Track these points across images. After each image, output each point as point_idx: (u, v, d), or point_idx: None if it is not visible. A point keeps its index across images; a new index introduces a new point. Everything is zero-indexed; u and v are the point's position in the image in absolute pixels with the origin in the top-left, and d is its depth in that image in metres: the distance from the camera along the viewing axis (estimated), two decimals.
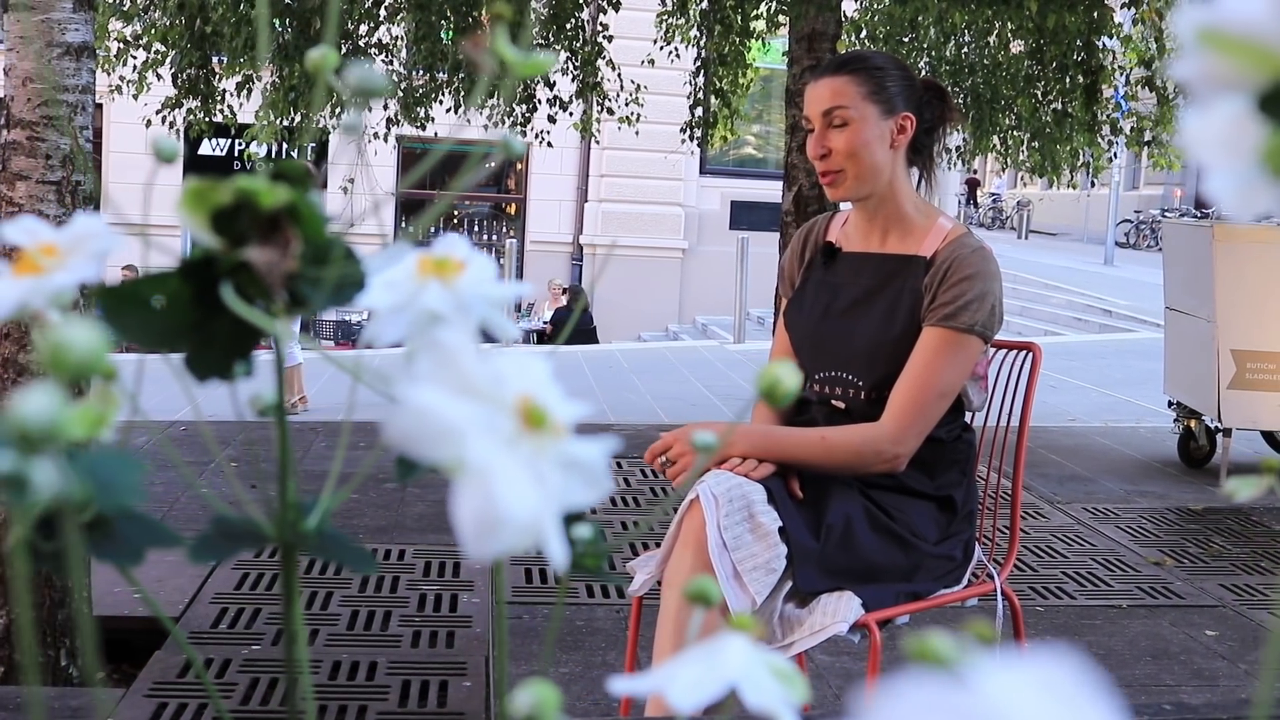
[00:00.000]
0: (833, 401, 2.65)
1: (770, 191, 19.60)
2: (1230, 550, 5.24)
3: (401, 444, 0.39)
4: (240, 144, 17.90)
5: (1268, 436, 6.97)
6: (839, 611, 2.42)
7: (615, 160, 19.51)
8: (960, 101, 8.33)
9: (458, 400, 0.39)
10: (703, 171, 20.60)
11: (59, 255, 0.57)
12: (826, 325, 2.68)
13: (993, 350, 2.78)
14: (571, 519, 0.63)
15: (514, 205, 21.52)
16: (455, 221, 21.58)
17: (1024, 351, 2.90)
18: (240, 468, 6.01)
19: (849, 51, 4.15)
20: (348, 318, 17.60)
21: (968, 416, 2.72)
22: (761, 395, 0.59)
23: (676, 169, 19.97)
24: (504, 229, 21.31)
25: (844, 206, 2.79)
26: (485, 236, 21.28)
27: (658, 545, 2.55)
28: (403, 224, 20.09)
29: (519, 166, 21.10)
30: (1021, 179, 9.04)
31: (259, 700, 3.43)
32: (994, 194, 38.94)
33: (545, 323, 17.65)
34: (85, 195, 3.57)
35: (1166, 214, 29.64)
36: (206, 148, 16.95)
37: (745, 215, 20.18)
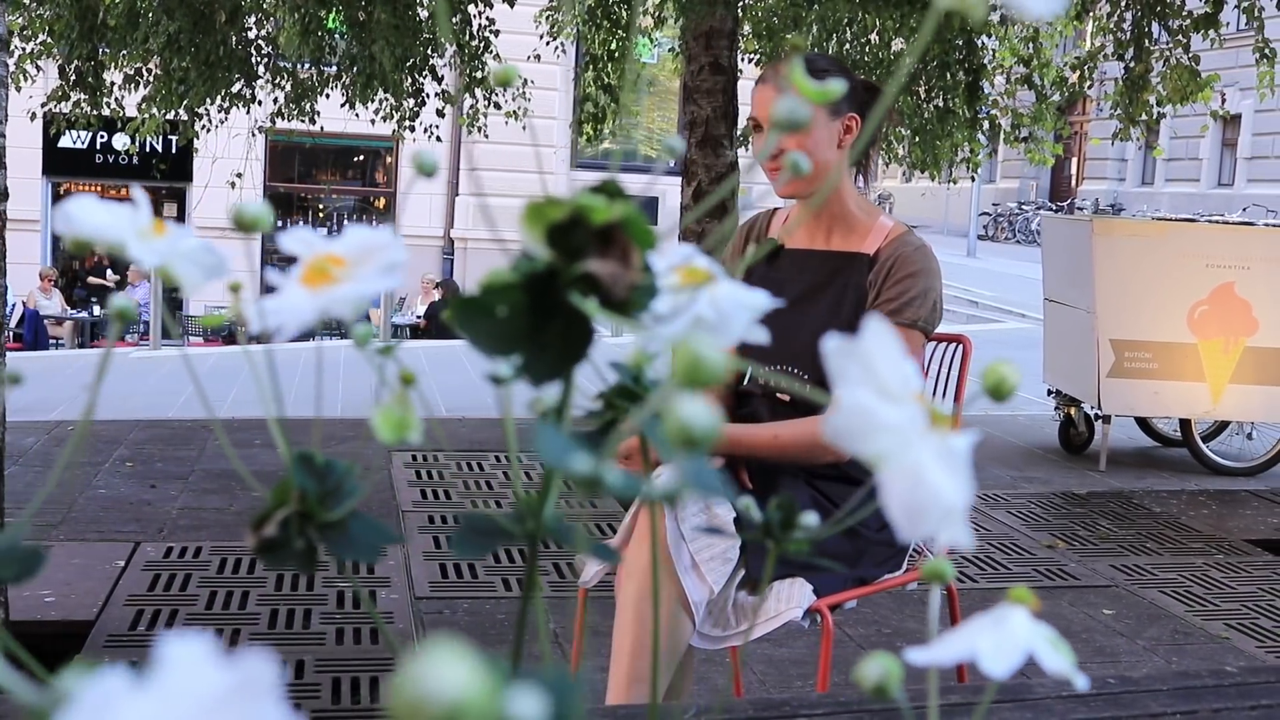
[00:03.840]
0: (777, 395, 2.72)
1: (640, 185, 19.72)
2: (1116, 532, 5.45)
3: (837, 439, 0.44)
4: (102, 137, 17.51)
5: (1141, 423, 7.25)
6: (793, 598, 2.50)
7: (485, 154, 19.45)
8: None
9: (883, 401, 0.44)
10: (574, 165, 20.63)
11: (347, 265, 0.60)
12: (771, 321, 2.74)
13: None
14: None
15: (383, 199, 21.35)
16: (322, 215, 21.33)
17: (954, 344, 3.00)
18: (136, 467, 5.90)
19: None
20: (216, 313, 17.27)
21: None
22: (986, 391, 0.64)
23: (547, 163, 19.99)
24: (373, 223, 21.08)
25: (778, 202, 2.86)
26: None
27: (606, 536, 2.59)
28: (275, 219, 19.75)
29: (388, 160, 20.94)
30: (903, 173, 9.23)
31: None
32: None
33: (419, 317, 17.53)
34: None
35: (1023, 206, 30.45)
36: (67, 140, 16.48)
37: None
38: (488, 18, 8.24)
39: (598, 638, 3.18)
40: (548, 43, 8.45)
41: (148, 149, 14.41)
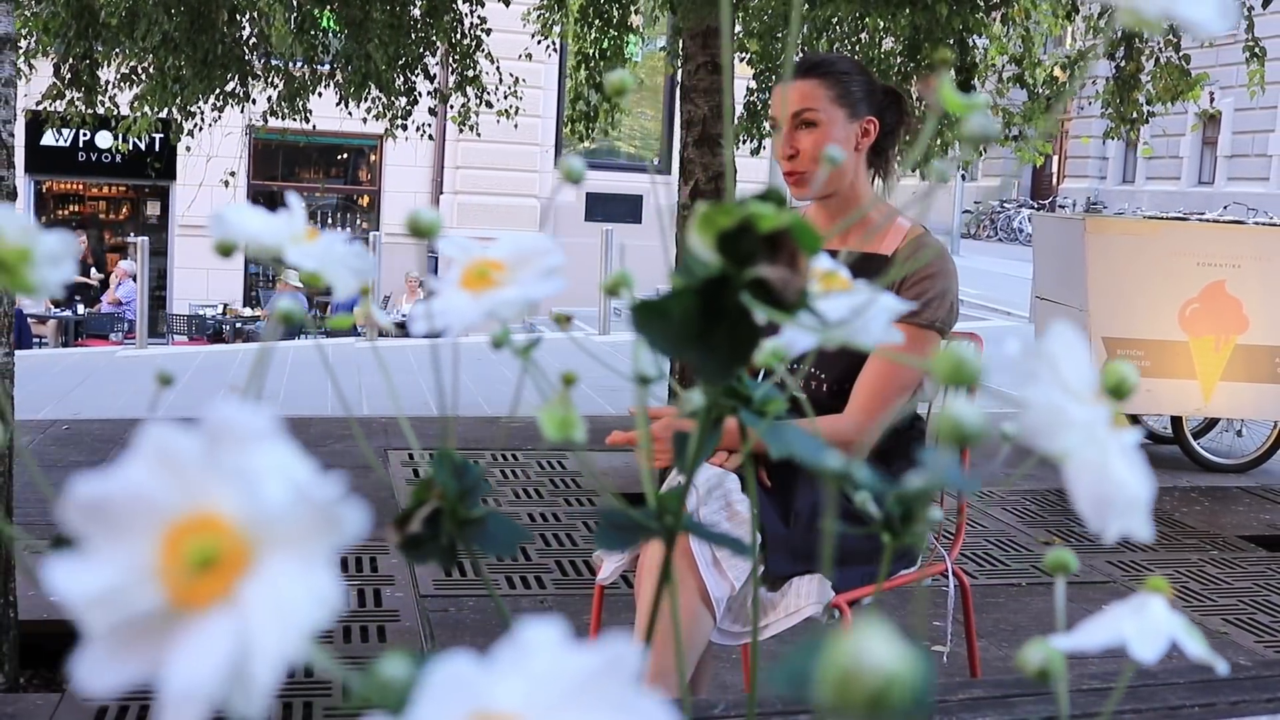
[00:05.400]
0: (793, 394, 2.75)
1: (625, 183, 19.76)
2: None
3: (1027, 435, 0.47)
4: (84, 135, 17.42)
5: (1132, 420, 7.30)
6: (812, 594, 2.52)
7: (470, 152, 19.44)
8: None
9: (1070, 400, 0.47)
10: (557, 164, 20.63)
11: (506, 270, 0.63)
12: None
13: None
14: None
15: (367, 197, 21.31)
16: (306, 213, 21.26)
17: (966, 342, 3.04)
18: None
19: (814, 55, 4.26)
20: (201, 312, 17.27)
21: (921, 408, 2.85)
22: (1107, 391, 0.67)
23: (532, 161, 19.99)
24: (357, 221, 21.11)
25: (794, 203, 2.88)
26: (338, 229, 20.99)
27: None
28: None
29: (372, 158, 20.91)
30: None
31: None
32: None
33: (404, 315, 17.52)
34: (8, 192, 3.51)
35: (1005, 204, 30.56)
36: (49, 139, 16.39)
37: (601, 207, 20.23)
38: (479, 16, 8.25)
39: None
40: (539, 41, 8.46)
41: (132, 147, 14.31)
